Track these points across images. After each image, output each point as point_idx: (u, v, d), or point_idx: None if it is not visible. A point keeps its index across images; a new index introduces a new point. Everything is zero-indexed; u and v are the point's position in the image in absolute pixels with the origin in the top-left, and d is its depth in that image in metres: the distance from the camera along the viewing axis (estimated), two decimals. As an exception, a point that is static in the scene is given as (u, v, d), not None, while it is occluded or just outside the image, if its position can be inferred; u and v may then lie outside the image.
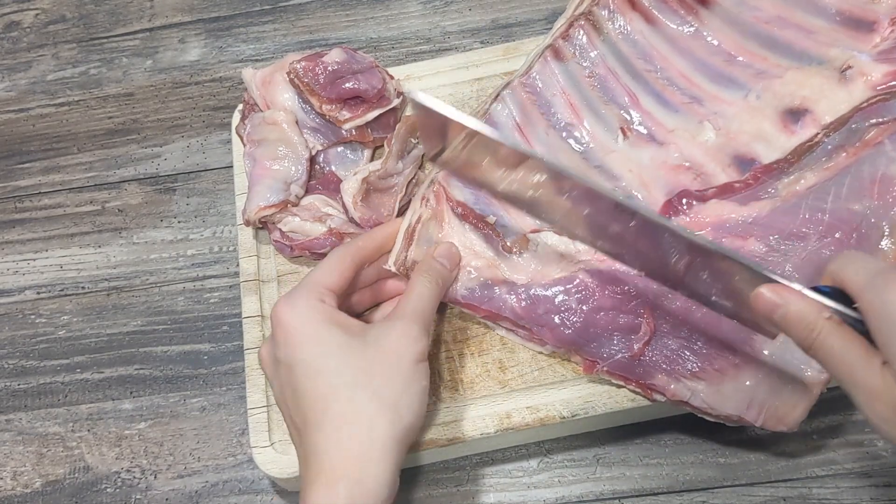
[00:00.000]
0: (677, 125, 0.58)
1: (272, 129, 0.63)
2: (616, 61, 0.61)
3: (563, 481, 0.55)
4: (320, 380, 0.47)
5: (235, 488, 0.59)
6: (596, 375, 0.52)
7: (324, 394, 0.47)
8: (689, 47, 0.61)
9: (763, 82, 0.58)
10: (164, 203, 0.71)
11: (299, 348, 0.48)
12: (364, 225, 0.60)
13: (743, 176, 0.55)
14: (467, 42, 0.75)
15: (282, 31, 0.79)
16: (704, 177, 0.56)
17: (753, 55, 0.60)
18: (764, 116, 0.56)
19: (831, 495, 0.53)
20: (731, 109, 0.58)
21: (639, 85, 0.60)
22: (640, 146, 0.58)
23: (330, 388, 0.47)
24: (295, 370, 0.48)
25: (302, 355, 0.48)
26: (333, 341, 0.48)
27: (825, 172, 0.53)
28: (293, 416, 0.48)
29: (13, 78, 0.80)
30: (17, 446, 0.62)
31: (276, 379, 0.50)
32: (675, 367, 0.51)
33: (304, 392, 0.47)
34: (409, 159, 0.63)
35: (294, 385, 0.48)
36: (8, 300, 0.68)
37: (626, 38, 0.61)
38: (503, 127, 0.60)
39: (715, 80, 0.59)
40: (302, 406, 0.47)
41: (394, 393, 0.47)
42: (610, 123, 0.59)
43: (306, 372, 0.47)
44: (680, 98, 0.59)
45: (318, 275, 0.51)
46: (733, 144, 0.56)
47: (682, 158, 0.57)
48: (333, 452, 0.45)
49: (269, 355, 0.50)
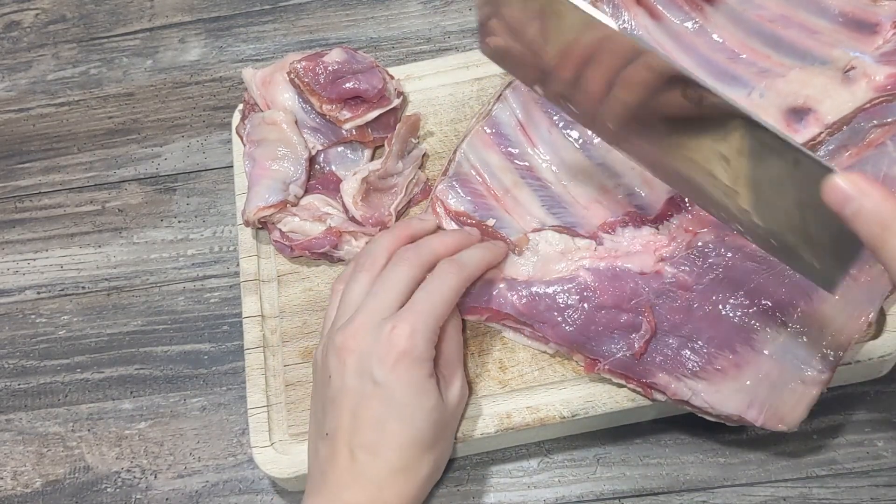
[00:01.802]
0: None
1: (272, 130, 0.63)
2: None
3: (563, 481, 0.55)
4: (405, 430, 0.48)
5: (236, 488, 0.59)
6: (597, 374, 0.52)
7: (399, 443, 0.48)
8: (693, 44, 0.61)
9: (766, 81, 0.58)
10: (165, 203, 0.71)
11: (401, 389, 0.48)
12: (365, 223, 0.60)
13: None
14: (467, 42, 0.75)
15: (282, 31, 0.79)
16: None
17: (757, 53, 0.60)
18: (767, 115, 0.56)
19: (831, 495, 0.53)
20: None
21: None
22: None
23: (407, 444, 0.48)
24: (386, 400, 0.48)
25: (401, 397, 0.48)
26: (430, 401, 0.49)
27: None
28: (343, 428, 0.48)
29: (13, 78, 0.80)
30: (17, 446, 0.62)
31: (355, 391, 0.49)
32: (675, 366, 0.51)
33: (380, 422, 0.48)
34: (410, 159, 0.63)
35: (370, 406, 0.48)
36: (8, 300, 0.68)
37: (630, 34, 0.61)
38: (505, 128, 0.60)
39: (718, 78, 0.59)
40: (365, 428, 0.48)
41: (445, 454, 0.52)
42: None
43: (396, 413, 0.48)
44: None
45: (441, 311, 0.50)
46: None
47: None
48: (382, 487, 0.47)
49: (359, 360, 0.49)
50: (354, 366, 0.49)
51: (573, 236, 0.55)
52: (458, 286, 0.51)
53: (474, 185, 0.59)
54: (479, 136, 0.60)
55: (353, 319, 0.50)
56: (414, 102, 0.67)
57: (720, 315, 0.51)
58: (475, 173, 0.59)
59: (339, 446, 0.48)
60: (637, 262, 0.54)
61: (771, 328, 0.50)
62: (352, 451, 0.48)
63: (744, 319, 0.51)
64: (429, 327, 0.49)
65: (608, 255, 0.54)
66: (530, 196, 0.58)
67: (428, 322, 0.49)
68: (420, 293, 0.50)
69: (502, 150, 0.59)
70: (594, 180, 0.58)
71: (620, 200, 0.57)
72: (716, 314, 0.51)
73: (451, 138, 0.65)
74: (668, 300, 0.52)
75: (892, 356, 0.52)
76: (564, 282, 0.54)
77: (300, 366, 0.58)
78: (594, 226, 0.56)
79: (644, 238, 0.55)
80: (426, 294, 0.50)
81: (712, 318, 0.51)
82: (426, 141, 0.66)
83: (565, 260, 0.55)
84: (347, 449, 0.48)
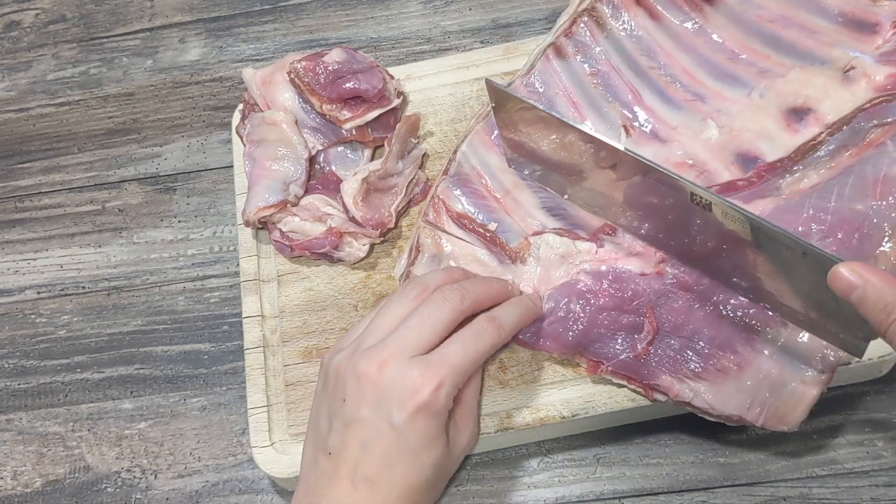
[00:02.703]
0: (680, 122, 0.58)
1: (271, 130, 0.63)
2: (619, 58, 0.61)
3: (563, 481, 0.55)
4: (412, 474, 0.48)
5: (236, 488, 0.59)
6: (599, 376, 0.52)
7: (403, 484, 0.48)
8: (693, 44, 0.61)
9: (766, 81, 0.58)
10: (165, 203, 0.71)
11: (415, 435, 0.47)
12: (365, 224, 0.60)
13: (746, 174, 0.54)
14: (467, 42, 0.75)
15: (282, 31, 0.79)
16: (707, 174, 0.55)
17: (757, 53, 0.60)
18: (767, 115, 0.56)
19: (831, 495, 0.53)
20: (734, 107, 0.57)
21: (642, 82, 0.60)
22: (643, 143, 0.58)
23: (412, 487, 0.48)
24: (396, 438, 0.47)
25: (413, 441, 0.47)
26: (438, 450, 0.49)
27: (828, 172, 0.53)
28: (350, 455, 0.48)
29: (13, 78, 0.80)
30: (17, 446, 0.62)
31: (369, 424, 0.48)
32: (677, 367, 0.51)
33: (386, 457, 0.47)
34: (410, 159, 0.63)
35: (380, 440, 0.47)
36: (8, 300, 0.68)
37: (630, 34, 0.61)
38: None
39: (718, 78, 0.59)
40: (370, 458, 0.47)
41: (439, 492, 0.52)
42: (613, 121, 0.59)
43: (406, 452, 0.47)
44: (683, 95, 0.59)
45: (469, 366, 0.49)
46: (736, 142, 0.56)
47: (685, 156, 0.57)
48: None
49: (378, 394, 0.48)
50: (373, 399, 0.48)
51: (574, 239, 0.55)
52: (493, 347, 0.50)
53: (475, 186, 0.59)
54: (478, 136, 0.60)
55: (382, 347, 0.48)
56: (414, 102, 0.67)
57: (721, 315, 0.51)
58: (476, 174, 0.59)
59: (341, 470, 0.48)
60: (638, 263, 0.54)
61: (771, 328, 0.50)
62: (353, 480, 0.47)
63: (744, 320, 0.51)
64: (455, 384, 0.48)
65: (609, 257, 0.54)
66: (531, 197, 0.58)
67: (456, 379, 0.48)
68: (455, 345, 0.49)
69: (502, 150, 0.59)
70: None
71: None
72: (716, 315, 0.51)
73: (450, 138, 0.65)
74: (669, 301, 0.52)
75: (892, 356, 0.52)
76: (566, 290, 0.54)
77: (300, 366, 0.58)
78: (594, 227, 0.56)
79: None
80: (461, 348, 0.49)
81: (713, 319, 0.51)
82: (426, 141, 0.66)
83: (566, 263, 0.55)
84: (350, 476, 0.48)
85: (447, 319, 0.49)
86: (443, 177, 0.60)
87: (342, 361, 0.50)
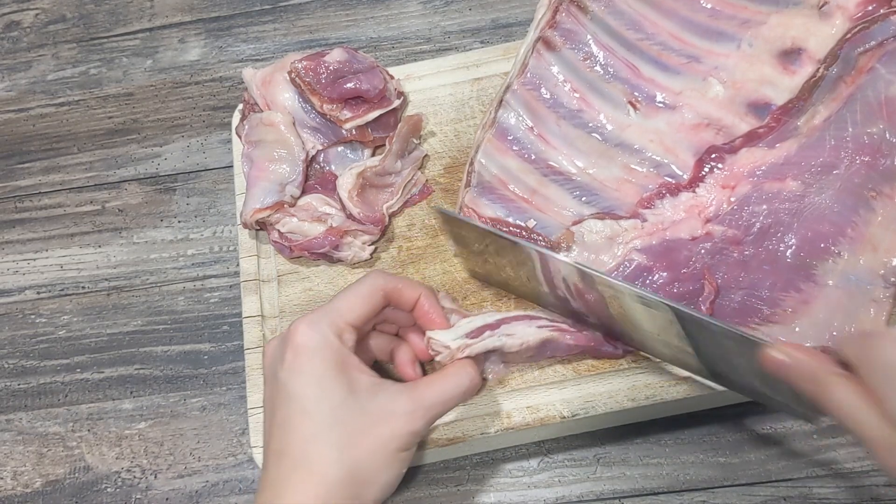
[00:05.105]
0: (683, 86, 0.59)
1: (269, 131, 0.63)
2: (608, 37, 0.61)
3: (563, 481, 0.55)
4: (306, 422, 0.46)
5: (235, 488, 0.59)
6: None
7: (302, 436, 0.46)
8: (673, 8, 0.62)
9: (751, 30, 0.59)
10: (164, 203, 0.71)
11: (301, 381, 0.47)
12: (364, 221, 0.60)
13: (763, 121, 0.56)
14: (467, 42, 0.75)
15: (282, 31, 0.79)
16: (726, 129, 0.57)
17: (734, 6, 0.61)
18: (762, 62, 0.58)
19: (831, 495, 0.53)
20: (729, 61, 0.59)
21: (635, 55, 0.60)
22: (654, 115, 0.58)
23: (310, 435, 0.45)
24: (288, 397, 0.47)
25: (301, 389, 0.46)
26: (336, 392, 0.46)
27: (834, 104, 0.55)
28: (267, 427, 0.48)
29: (13, 78, 0.80)
30: (17, 446, 0.62)
31: (268, 386, 0.49)
32: (746, 319, 0.51)
33: (285, 420, 0.46)
34: (409, 160, 0.63)
35: (280, 408, 0.47)
36: (8, 300, 0.68)
37: (612, 10, 0.61)
38: (515, 131, 0.60)
39: (705, 36, 0.60)
40: (276, 432, 0.47)
41: (368, 472, 0.46)
42: (617, 100, 0.59)
43: (297, 407, 0.46)
44: (678, 59, 0.60)
45: (346, 305, 0.49)
46: (743, 93, 0.57)
47: (698, 117, 0.57)
48: (280, 491, 0.45)
49: (272, 362, 0.49)
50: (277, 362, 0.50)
51: (616, 219, 0.55)
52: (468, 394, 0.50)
53: (501, 192, 0.58)
54: (492, 144, 0.59)
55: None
56: (414, 102, 0.67)
57: (776, 259, 0.51)
58: (498, 181, 0.59)
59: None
60: (685, 228, 0.54)
61: (828, 260, 0.50)
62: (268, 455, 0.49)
63: (799, 258, 0.51)
64: (336, 327, 0.49)
65: (655, 229, 0.54)
66: (559, 191, 0.58)
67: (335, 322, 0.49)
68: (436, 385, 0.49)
69: (518, 153, 0.59)
70: (616, 161, 0.58)
71: (649, 174, 0.57)
72: (772, 260, 0.51)
73: (451, 138, 0.65)
74: (723, 258, 0.52)
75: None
76: (619, 272, 0.53)
77: (300, 366, 0.58)
78: (631, 205, 0.56)
79: (685, 204, 0.55)
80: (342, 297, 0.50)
81: (770, 265, 0.52)
82: (426, 141, 0.66)
83: (615, 245, 0.54)
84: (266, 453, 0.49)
85: (364, 290, 0.50)
86: (465, 189, 0.59)
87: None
